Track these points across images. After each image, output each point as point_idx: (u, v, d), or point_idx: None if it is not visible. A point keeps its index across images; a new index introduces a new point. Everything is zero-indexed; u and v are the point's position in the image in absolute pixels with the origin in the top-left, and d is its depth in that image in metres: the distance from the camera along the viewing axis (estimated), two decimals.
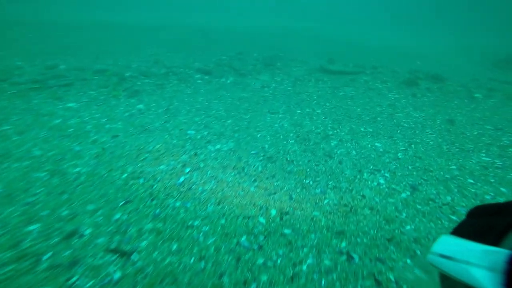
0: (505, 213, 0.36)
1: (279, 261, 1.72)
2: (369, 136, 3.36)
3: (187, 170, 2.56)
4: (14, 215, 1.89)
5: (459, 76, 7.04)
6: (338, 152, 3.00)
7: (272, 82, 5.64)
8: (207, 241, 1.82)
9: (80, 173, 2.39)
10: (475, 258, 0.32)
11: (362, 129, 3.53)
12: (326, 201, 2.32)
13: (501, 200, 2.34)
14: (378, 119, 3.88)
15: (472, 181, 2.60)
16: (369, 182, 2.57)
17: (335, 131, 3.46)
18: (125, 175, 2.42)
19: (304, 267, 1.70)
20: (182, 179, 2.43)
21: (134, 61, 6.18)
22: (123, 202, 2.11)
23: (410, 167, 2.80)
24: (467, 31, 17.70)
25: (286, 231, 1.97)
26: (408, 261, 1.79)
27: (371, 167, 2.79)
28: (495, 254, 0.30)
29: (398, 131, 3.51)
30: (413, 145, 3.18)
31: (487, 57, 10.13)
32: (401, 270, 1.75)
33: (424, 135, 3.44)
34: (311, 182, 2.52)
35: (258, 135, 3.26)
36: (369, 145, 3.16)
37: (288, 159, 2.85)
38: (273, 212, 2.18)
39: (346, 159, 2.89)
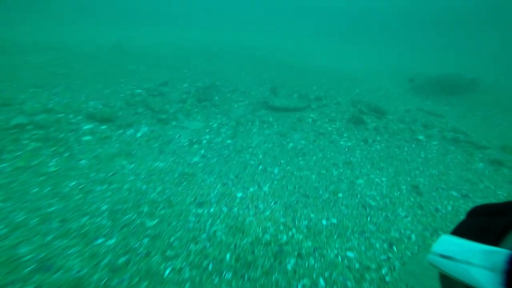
0: (505, 213, 0.35)
1: None
2: (335, 237, 2.40)
3: None
4: None
5: (393, 106, 7.23)
6: None
7: (206, 131, 4.35)
8: None
9: None
10: (475, 258, 0.31)
11: (324, 222, 2.56)
12: None
13: None
14: (339, 195, 3.02)
15: None
16: None
17: (290, 233, 2.38)
18: None
19: None
20: None
21: None
22: None
23: None
24: (393, 49, 20.26)
25: None
26: None
27: None
28: (495, 254, 0.30)
29: (369, 218, 2.68)
30: (394, 247, 2.36)
31: (406, 81, 11.31)
32: None
33: (398, 220, 2.70)
34: None
35: (167, 272, 1.88)
36: (340, 258, 2.18)
37: None
38: None
39: None
